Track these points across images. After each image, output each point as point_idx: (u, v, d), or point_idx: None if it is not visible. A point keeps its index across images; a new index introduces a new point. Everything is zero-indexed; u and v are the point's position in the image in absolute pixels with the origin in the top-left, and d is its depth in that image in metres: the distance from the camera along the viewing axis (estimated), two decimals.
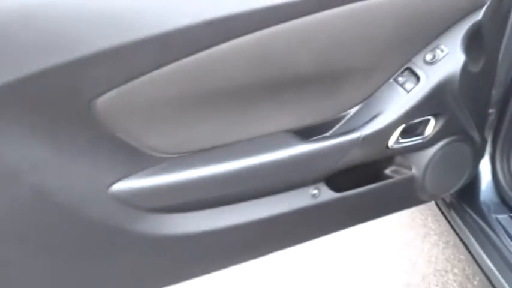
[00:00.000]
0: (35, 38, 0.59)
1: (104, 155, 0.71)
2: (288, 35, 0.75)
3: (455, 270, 1.56)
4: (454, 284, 1.51)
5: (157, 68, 0.68)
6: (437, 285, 1.51)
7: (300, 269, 1.61)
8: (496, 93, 1.16)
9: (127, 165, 0.74)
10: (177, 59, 0.69)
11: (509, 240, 1.15)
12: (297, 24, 0.74)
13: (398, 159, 1.03)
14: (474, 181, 1.27)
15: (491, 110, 1.19)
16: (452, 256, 1.63)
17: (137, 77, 0.67)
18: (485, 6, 0.88)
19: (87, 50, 0.61)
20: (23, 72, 0.59)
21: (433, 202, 1.41)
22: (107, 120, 0.68)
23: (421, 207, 1.86)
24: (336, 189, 0.97)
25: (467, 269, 1.56)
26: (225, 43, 0.71)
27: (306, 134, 0.90)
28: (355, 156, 0.91)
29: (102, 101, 0.66)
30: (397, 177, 1.03)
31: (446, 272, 1.56)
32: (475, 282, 1.50)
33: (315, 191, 0.93)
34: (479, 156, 1.15)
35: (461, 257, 1.62)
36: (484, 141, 1.14)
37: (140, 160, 0.75)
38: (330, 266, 1.62)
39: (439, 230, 1.76)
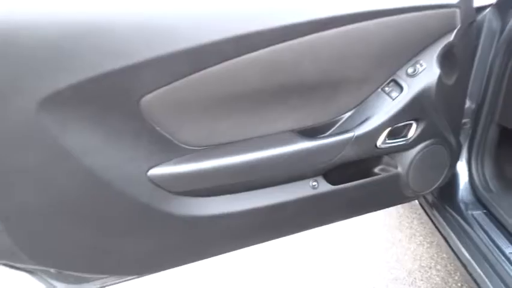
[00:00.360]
0: (99, 47, 0.74)
1: (145, 144, 0.86)
2: (295, 49, 0.91)
3: (438, 267, 1.71)
4: (437, 279, 1.65)
5: (190, 74, 0.84)
6: (421, 280, 1.65)
7: (296, 264, 1.74)
8: (470, 105, 1.34)
9: (162, 154, 0.89)
10: (206, 67, 0.85)
11: (483, 234, 1.30)
12: (302, 41, 0.91)
13: (385, 158, 1.19)
14: (452, 182, 1.42)
15: (466, 120, 1.36)
16: (435, 254, 1.78)
17: (174, 81, 0.83)
18: (456, 29, 1.06)
19: (139, 58, 0.77)
20: (88, 74, 0.74)
21: (418, 206, 1.57)
22: (149, 115, 0.84)
23: (407, 210, 2.02)
24: (332, 183, 1.12)
25: (448, 265, 1.71)
26: (244, 55, 0.87)
27: (307, 133, 1.05)
28: (349, 153, 1.06)
29: (146, 99, 0.82)
30: (385, 174, 1.19)
31: (430, 268, 1.71)
32: (456, 277, 1.65)
33: (315, 183, 1.08)
34: (455, 158, 1.31)
35: (444, 255, 1.77)
36: (459, 146, 1.31)
37: (172, 150, 0.90)
38: (324, 263, 1.75)
39: (423, 232, 1.91)
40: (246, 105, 0.96)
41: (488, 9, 1.25)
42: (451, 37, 1.06)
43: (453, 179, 1.41)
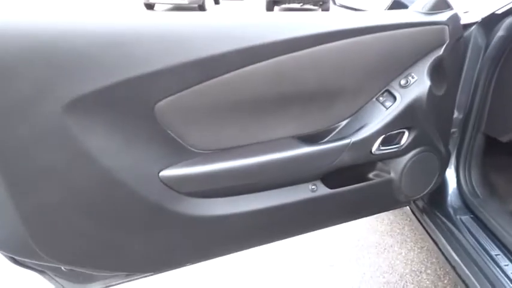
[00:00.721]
0: (123, 55, 0.80)
1: (157, 147, 0.92)
2: (297, 61, 0.98)
3: (428, 271, 1.78)
4: (427, 282, 1.71)
5: (201, 82, 0.90)
6: (412, 283, 1.71)
7: (288, 268, 1.79)
8: (457, 115, 1.42)
9: (172, 156, 0.95)
10: (215, 76, 0.91)
11: (471, 237, 1.37)
12: (304, 54, 0.98)
13: (379, 164, 1.26)
14: (441, 189, 1.50)
15: (454, 129, 1.45)
16: (425, 259, 1.84)
17: (186, 88, 0.89)
18: (445, 45, 1.14)
19: (157, 66, 0.83)
20: (111, 80, 0.80)
21: (408, 213, 1.63)
22: (162, 120, 0.90)
23: (398, 217, 2.09)
24: (330, 187, 1.18)
25: (438, 270, 1.78)
26: (250, 66, 0.94)
27: (307, 140, 1.12)
28: (346, 159, 1.13)
29: (160, 105, 0.88)
30: (379, 179, 1.26)
31: (420, 272, 1.77)
32: (445, 281, 1.72)
33: (313, 187, 1.15)
34: (444, 165, 1.39)
35: (434, 260, 1.83)
36: (448, 153, 1.38)
37: (182, 153, 0.96)
38: (317, 267, 1.81)
39: (414, 238, 1.98)
40: (250, 112, 1.02)
41: (474, 27, 1.34)
42: (440, 51, 1.14)
43: (442, 185, 1.49)
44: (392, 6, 1.50)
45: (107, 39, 0.79)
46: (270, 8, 11.09)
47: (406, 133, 1.20)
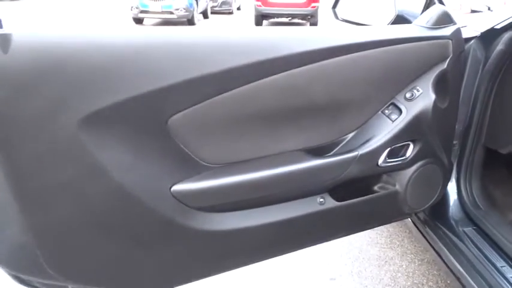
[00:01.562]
0: (140, 70, 0.80)
1: (170, 161, 0.91)
2: (307, 74, 0.99)
3: (430, 283, 1.78)
4: None
5: (213, 96, 0.90)
6: None
7: (294, 279, 1.78)
8: (458, 127, 1.44)
9: (184, 171, 0.94)
10: (227, 90, 0.91)
11: (475, 249, 1.37)
12: (314, 67, 0.99)
13: (385, 177, 1.27)
14: (443, 201, 1.51)
15: (455, 142, 1.46)
16: (427, 271, 1.85)
17: (199, 102, 0.89)
18: (449, 58, 1.16)
19: (171, 80, 0.83)
20: (127, 95, 0.80)
21: (407, 225, 1.63)
22: (174, 134, 0.89)
23: (397, 229, 2.10)
24: (337, 199, 1.18)
25: (440, 282, 1.78)
26: (261, 80, 0.94)
27: (315, 152, 1.12)
28: (353, 171, 1.14)
29: (174, 119, 0.87)
30: (384, 191, 1.26)
31: (422, 284, 1.77)
32: None
33: (322, 199, 1.15)
34: (447, 177, 1.40)
35: (435, 272, 1.84)
36: (451, 165, 1.40)
37: (193, 167, 0.95)
38: (319, 280, 1.80)
39: (414, 250, 1.98)
40: (261, 125, 1.02)
41: (473, 41, 1.37)
42: (444, 65, 1.16)
43: (444, 197, 1.50)
44: (395, 21, 1.53)
45: (120, 54, 0.79)
46: (258, 22, 11.20)
47: (411, 145, 1.21)
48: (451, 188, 1.52)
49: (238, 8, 16.75)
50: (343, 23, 1.89)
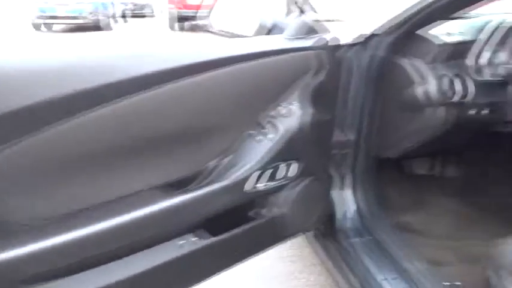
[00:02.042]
0: None
1: None
2: (151, 100, 0.84)
3: None
4: None
5: (23, 138, 0.71)
6: None
7: None
8: (349, 137, 1.38)
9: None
10: (45, 126, 0.73)
11: (361, 260, 1.32)
12: (160, 91, 0.85)
13: (262, 201, 1.15)
14: (340, 212, 1.45)
15: (346, 151, 1.41)
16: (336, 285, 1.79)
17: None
18: (325, 69, 1.10)
19: None
20: None
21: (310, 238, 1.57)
22: None
23: (301, 241, 2.04)
24: (216, 232, 1.05)
25: None
26: (96, 110, 0.77)
27: (176, 187, 0.97)
28: (220, 202, 1.01)
29: None
30: (266, 216, 1.16)
31: None
32: None
33: (182, 241, 0.99)
34: (328, 190, 1.34)
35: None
36: (330, 177, 1.34)
37: (8, 232, 0.76)
38: None
39: (320, 262, 1.93)
40: (99, 164, 0.85)
41: (357, 46, 1.32)
42: (322, 77, 1.09)
43: (331, 210, 1.43)
44: (271, 30, 1.44)
45: None
46: (172, 26, 10.80)
47: (290, 164, 1.11)
48: (344, 198, 1.47)
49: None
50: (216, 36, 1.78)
